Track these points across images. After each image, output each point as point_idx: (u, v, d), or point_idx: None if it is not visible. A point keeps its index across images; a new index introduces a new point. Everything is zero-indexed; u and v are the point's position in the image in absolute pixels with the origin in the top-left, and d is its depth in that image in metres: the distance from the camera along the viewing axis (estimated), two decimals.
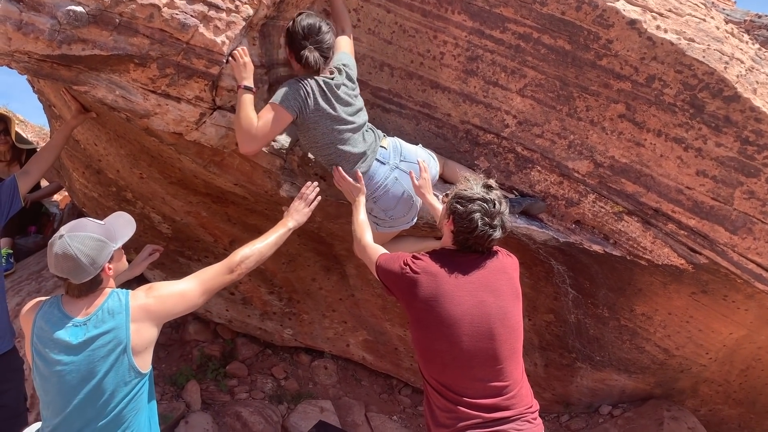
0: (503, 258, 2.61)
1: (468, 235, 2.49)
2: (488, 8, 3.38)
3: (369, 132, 3.22)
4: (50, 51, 2.47)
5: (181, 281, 2.40)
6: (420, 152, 3.36)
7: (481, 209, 2.46)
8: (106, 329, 2.19)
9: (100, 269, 2.23)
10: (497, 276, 2.51)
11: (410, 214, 3.35)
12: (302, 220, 2.86)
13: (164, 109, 2.86)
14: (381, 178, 3.19)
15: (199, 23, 2.67)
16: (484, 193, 2.51)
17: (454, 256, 2.55)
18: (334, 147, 3.07)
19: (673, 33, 3.31)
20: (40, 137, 11.28)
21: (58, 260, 2.18)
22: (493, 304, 2.45)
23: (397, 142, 3.34)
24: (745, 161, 3.42)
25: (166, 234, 4.42)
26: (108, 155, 3.84)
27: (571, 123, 3.55)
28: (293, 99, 2.90)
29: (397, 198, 3.23)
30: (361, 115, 3.15)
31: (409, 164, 3.24)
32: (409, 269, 2.51)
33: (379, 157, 3.20)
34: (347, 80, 3.09)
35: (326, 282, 4.56)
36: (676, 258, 3.66)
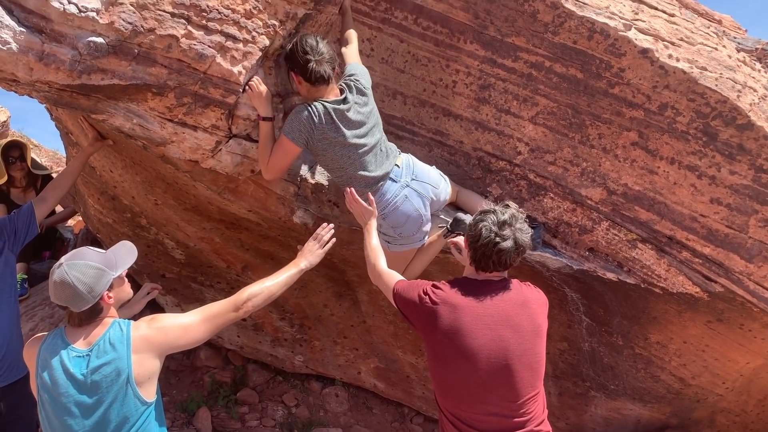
0: (526, 291, 2.53)
1: (476, 247, 2.44)
2: (500, 38, 3.41)
3: (383, 152, 3.18)
4: (70, 81, 2.52)
5: (185, 315, 2.39)
6: (432, 172, 3.35)
7: (491, 220, 2.42)
8: (108, 360, 2.19)
9: (98, 297, 2.23)
10: (518, 311, 2.44)
11: (420, 233, 3.31)
12: (315, 262, 2.86)
13: (181, 137, 2.89)
14: (391, 195, 3.17)
15: (216, 53, 2.71)
16: (498, 208, 2.49)
17: (474, 286, 2.48)
18: (344, 171, 3.08)
19: (685, 62, 3.32)
20: (54, 161, 11.42)
21: (56, 288, 2.19)
22: (512, 339, 2.37)
23: (411, 159, 3.31)
24: (760, 189, 3.40)
25: (180, 260, 4.44)
26: (123, 182, 3.88)
27: (584, 150, 3.56)
28: (298, 131, 2.91)
29: (407, 216, 3.20)
30: (374, 133, 3.12)
31: (420, 183, 3.23)
32: (429, 299, 2.45)
33: (391, 174, 3.18)
34: (358, 95, 3.05)
35: (338, 308, 4.55)
36: (691, 286, 3.63)
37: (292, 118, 2.93)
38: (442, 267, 3.86)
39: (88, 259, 2.25)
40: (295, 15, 2.91)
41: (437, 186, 3.32)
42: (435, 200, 3.32)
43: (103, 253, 2.34)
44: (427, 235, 3.37)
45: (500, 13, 3.34)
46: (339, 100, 2.98)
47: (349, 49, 3.23)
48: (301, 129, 2.91)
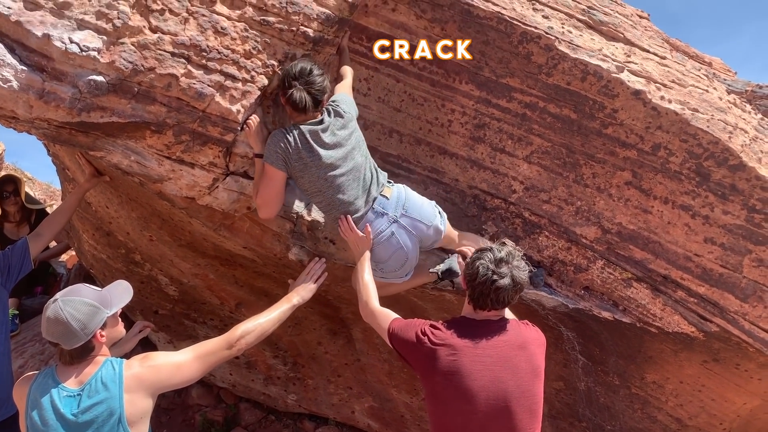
0: (525, 332, 2.51)
1: (474, 284, 2.43)
2: (495, 78, 3.47)
3: (365, 179, 3.08)
4: (70, 118, 2.54)
5: (178, 353, 2.37)
6: (426, 207, 3.23)
7: (488, 258, 2.42)
8: (100, 399, 2.16)
9: (91, 335, 2.20)
10: (516, 352, 2.42)
11: (403, 269, 3.24)
12: (308, 297, 2.86)
13: (178, 174, 2.90)
14: (377, 230, 3.07)
15: (215, 92, 2.74)
16: (495, 246, 2.48)
17: (473, 327, 2.46)
18: (323, 195, 3.02)
19: (677, 103, 3.38)
20: (48, 195, 11.40)
21: (49, 324, 2.17)
22: (510, 381, 2.36)
23: (403, 192, 3.18)
24: (753, 229, 3.43)
25: (173, 296, 4.42)
26: (119, 218, 3.88)
27: (578, 189, 3.58)
28: (275, 153, 2.88)
29: (391, 252, 3.12)
30: (353, 157, 3.02)
31: (410, 219, 3.12)
32: (428, 340, 2.42)
33: (377, 206, 3.08)
34: (336, 118, 2.98)
35: (332, 346, 4.51)
36: (687, 326, 3.62)
37: (269, 143, 2.91)
38: (438, 305, 3.85)
39: (84, 296, 2.23)
40: (294, 55, 2.95)
41: (430, 222, 3.19)
42: (426, 238, 3.22)
43: (98, 290, 2.32)
44: (410, 272, 3.30)
45: (495, 55, 3.40)
46: (315, 122, 2.94)
47: (341, 83, 3.22)
48: (277, 151, 2.88)
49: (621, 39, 3.58)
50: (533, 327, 2.59)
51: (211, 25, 2.72)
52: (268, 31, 2.85)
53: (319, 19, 2.95)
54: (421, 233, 3.18)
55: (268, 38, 2.86)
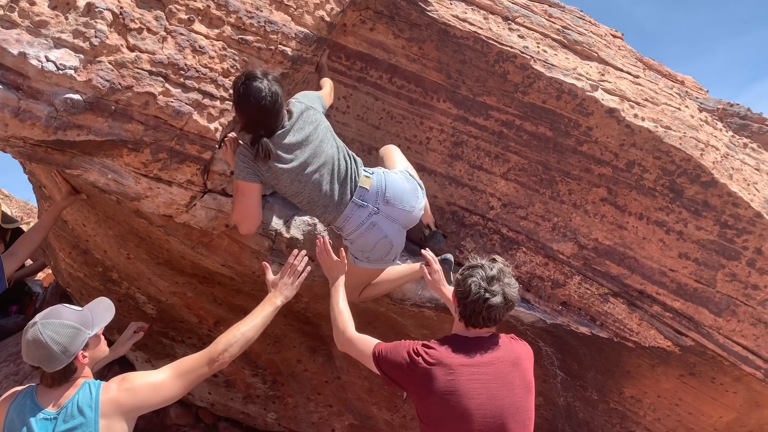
0: (516, 347, 2.50)
1: (466, 303, 2.39)
2: (472, 97, 3.51)
3: (341, 169, 2.98)
4: (46, 137, 2.52)
5: (156, 372, 2.29)
6: (408, 192, 3.09)
7: (479, 276, 2.39)
8: (75, 425, 2.10)
9: (73, 357, 2.15)
10: (510, 368, 2.40)
11: (390, 256, 3.18)
12: (291, 295, 2.69)
13: (155, 192, 2.89)
14: (356, 222, 3.00)
15: (193, 110, 2.74)
16: (485, 262, 2.45)
17: (466, 345, 2.42)
18: (302, 195, 2.95)
19: (651, 121, 3.45)
20: (25, 212, 11.25)
21: (29, 348, 2.12)
22: (506, 398, 2.34)
23: (383, 180, 3.04)
24: (726, 244, 3.49)
25: (151, 314, 4.37)
26: (96, 236, 3.84)
27: (555, 206, 3.63)
28: (245, 169, 2.82)
29: (375, 242, 3.06)
30: (323, 150, 2.92)
31: (392, 208, 3.02)
32: (422, 360, 2.37)
33: (357, 198, 2.99)
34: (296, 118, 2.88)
35: (312, 364, 4.49)
36: (663, 340, 3.66)
37: (236, 161, 2.85)
38: (418, 321, 3.85)
39: (64, 317, 2.18)
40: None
41: (412, 207, 3.10)
42: (410, 221, 3.15)
43: (79, 311, 2.26)
44: (398, 255, 3.23)
45: (472, 74, 3.45)
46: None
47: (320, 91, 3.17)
48: (246, 165, 2.82)
49: (595, 58, 3.65)
50: (521, 341, 2.59)
51: (189, 43, 2.73)
52: (246, 49, 2.87)
53: (297, 38, 2.97)
54: (405, 219, 3.10)
55: (247, 57, 2.88)
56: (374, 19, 3.41)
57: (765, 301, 3.54)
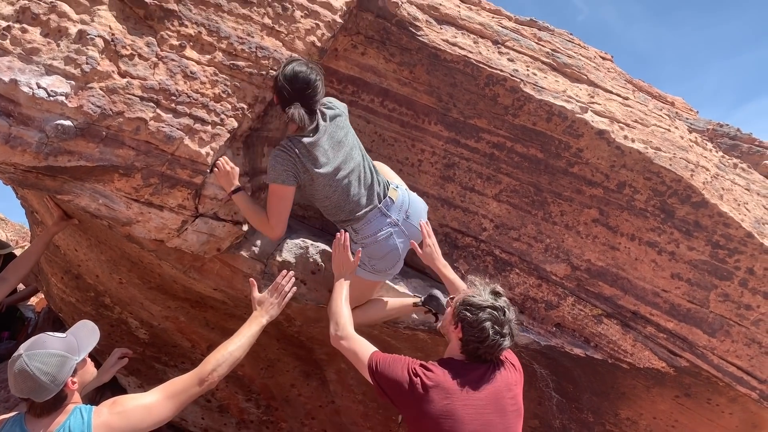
0: (509, 373, 2.50)
1: (479, 345, 2.41)
2: (463, 119, 3.54)
3: (366, 175, 3.08)
4: (36, 163, 2.53)
5: (147, 394, 2.28)
6: (423, 209, 3.25)
7: (492, 318, 2.39)
8: None
9: (62, 385, 2.13)
10: (504, 394, 2.42)
11: (394, 269, 3.25)
12: (276, 314, 2.73)
13: (147, 217, 2.89)
14: (375, 228, 3.07)
15: (184, 135, 2.75)
16: (493, 300, 2.45)
17: (464, 369, 2.44)
18: (330, 200, 3.04)
19: (641, 142, 3.47)
20: (20, 236, 11.22)
21: (17, 381, 2.09)
22: (499, 424, 2.35)
23: (407, 196, 3.20)
24: (718, 264, 3.50)
25: (143, 339, 4.34)
26: (88, 261, 3.83)
27: (547, 227, 3.64)
28: (284, 171, 2.88)
29: (387, 251, 3.12)
30: (353, 156, 3.04)
31: (410, 225, 3.14)
32: (420, 381, 2.37)
33: (383, 207, 3.09)
34: (331, 121, 3.00)
35: (305, 388, 4.45)
36: (657, 361, 3.65)
37: (272, 164, 2.90)
38: (412, 344, 3.84)
39: (49, 347, 2.15)
40: (264, 98, 2.99)
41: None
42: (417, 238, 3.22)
43: (63, 337, 2.23)
44: (398, 271, 3.30)
45: (462, 97, 3.48)
46: (312, 130, 2.92)
47: None
48: (285, 168, 2.88)
49: (584, 80, 3.68)
50: (512, 361, 2.59)
51: (180, 69, 2.75)
52: (237, 75, 2.89)
53: None
54: (415, 236, 3.20)
55: (238, 82, 2.89)
56: (365, 44, 3.44)
57: (758, 321, 3.54)
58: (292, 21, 3.01)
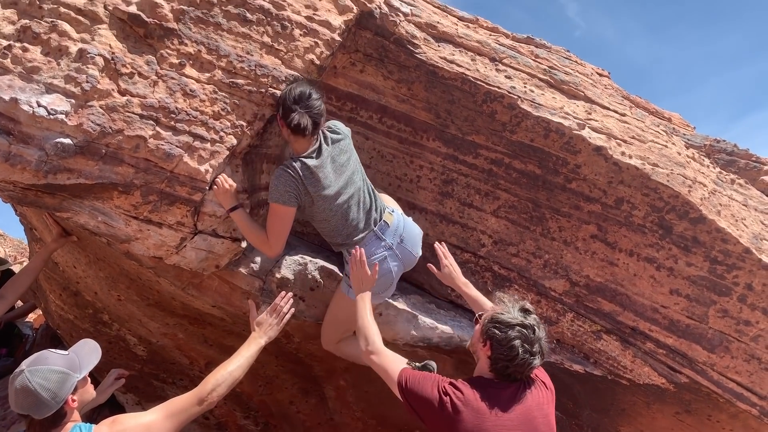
0: (540, 392, 2.46)
1: (508, 363, 2.38)
2: (461, 135, 3.55)
3: (366, 200, 3.13)
4: (36, 180, 2.54)
5: (147, 413, 2.28)
6: (418, 235, 3.31)
7: (522, 336, 2.36)
8: None
9: (62, 402, 2.13)
10: (535, 413, 2.38)
11: (387, 292, 3.27)
12: (274, 335, 2.74)
13: (145, 234, 2.90)
14: (369, 251, 3.09)
15: (184, 153, 2.76)
16: (523, 318, 2.42)
17: (494, 388, 2.41)
18: (329, 222, 3.08)
19: (638, 158, 3.48)
20: (19, 251, 11.20)
21: (18, 396, 2.09)
22: None
23: (402, 221, 3.24)
24: (716, 280, 3.50)
25: (142, 356, 4.33)
26: (87, 277, 3.83)
27: (545, 243, 3.64)
28: (285, 192, 2.91)
29: (381, 274, 3.11)
30: (354, 181, 3.09)
31: (404, 249, 3.19)
32: (450, 400, 2.34)
33: (378, 230, 3.14)
34: (334, 145, 3.05)
35: (304, 405, 4.43)
36: (657, 377, 3.64)
37: (275, 184, 2.92)
38: (411, 358, 3.81)
39: (51, 363, 2.16)
40: (263, 116, 3.00)
41: (418, 253, 3.30)
42: (410, 264, 3.29)
43: (65, 354, 2.25)
44: (390, 295, 3.32)
45: (460, 113, 3.50)
46: (313, 152, 2.96)
47: None
48: (288, 189, 2.91)
49: (582, 97, 3.70)
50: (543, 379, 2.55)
51: (180, 87, 2.77)
52: (237, 92, 2.90)
53: (287, 80, 3.01)
54: (408, 261, 3.25)
55: (237, 99, 2.91)
56: (364, 62, 3.46)
57: (758, 337, 3.53)
58: (291, 39, 3.03)
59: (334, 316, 3.35)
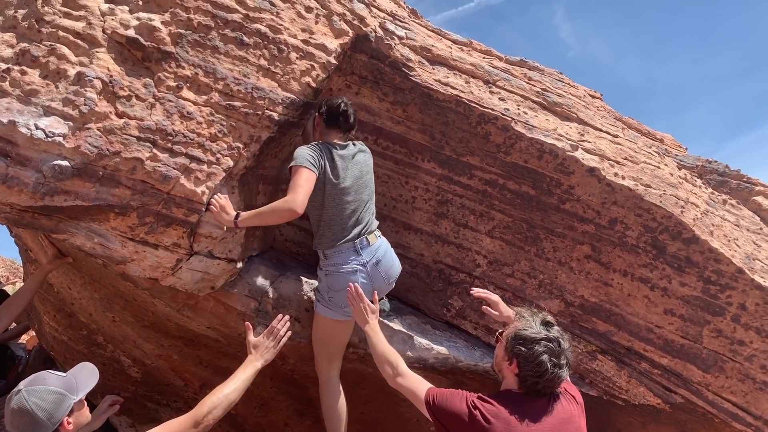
0: (570, 405, 2.44)
1: (538, 379, 2.34)
2: (456, 157, 3.58)
3: (362, 215, 3.23)
4: (33, 202, 2.54)
5: None
6: (396, 267, 3.36)
7: (548, 350, 2.34)
8: None
9: (57, 424, 2.14)
10: (566, 427, 2.36)
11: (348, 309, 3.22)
12: (270, 359, 2.74)
13: (141, 255, 2.90)
14: (342, 259, 3.18)
15: (180, 175, 2.78)
16: (546, 332, 2.40)
17: (523, 403, 2.38)
18: (323, 210, 3.17)
19: (631, 179, 3.52)
20: (11, 272, 11.14)
21: (14, 416, 2.10)
22: None
23: (384, 246, 3.32)
24: (710, 300, 3.52)
25: (136, 378, 4.31)
26: (81, 299, 3.82)
27: (540, 263, 3.66)
28: (310, 157, 3.05)
29: (343, 285, 3.15)
30: (362, 192, 3.24)
31: (376, 271, 3.23)
32: (480, 414, 2.32)
33: (358, 243, 3.20)
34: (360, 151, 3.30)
35: (299, 427, 4.40)
36: (653, 397, 3.64)
37: (300, 152, 3.06)
38: None
39: (49, 383, 2.17)
40: (260, 138, 3.03)
41: (389, 281, 3.35)
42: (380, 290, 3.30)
43: (63, 376, 2.26)
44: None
45: (455, 135, 3.53)
46: (342, 146, 3.22)
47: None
48: (312, 155, 3.06)
49: (575, 119, 3.74)
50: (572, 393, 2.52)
51: (177, 110, 2.80)
52: (233, 115, 2.93)
53: (284, 103, 3.05)
54: (379, 285, 3.28)
55: (234, 122, 2.94)
56: (359, 84, 3.50)
57: (752, 357, 3.54)
58: (287, 62, 3.07)
59: (315, 335, 3.39)
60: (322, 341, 3.36)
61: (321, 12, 3.24)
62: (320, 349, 3.38)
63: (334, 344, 3.38)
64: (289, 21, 3.12)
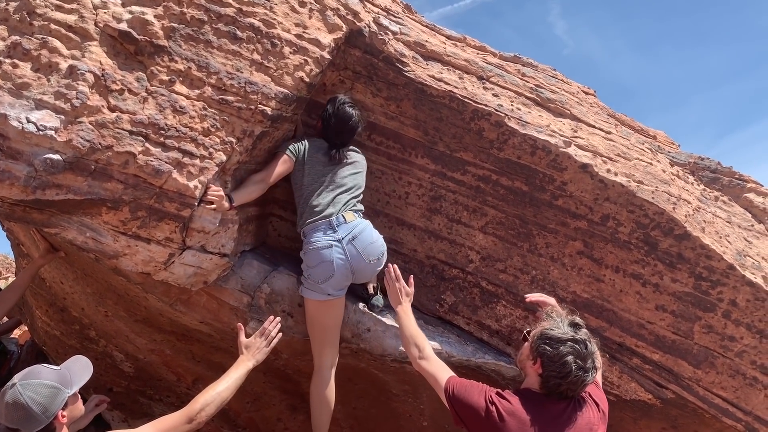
0: (591, 413, 2.38)
1: (560, 381, 2.30)
2: (449, 153, 3.59)
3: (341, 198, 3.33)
4: (24, 196, 2.53)
5: (136, 430, 2.28)
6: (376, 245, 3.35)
7: (574, 352, 2.29)
8: None
9: (52, 417, 2.14)
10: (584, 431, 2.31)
11: (327, 285, 3.27)
12: (262, 359, 2.77)
13: (134, 250, 2.89)
14: (317, 237, 3.27)
15: (173, 169, 2.77)
16: (573, 333, 2.36)
17: (543, 404, 2.35)
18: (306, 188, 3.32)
19: (623, 176, 3.53)
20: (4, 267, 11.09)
21: (8, 410, 2.10)
22: None
23: (363, 225, 3.33)
24: (701, 296, 3.53)
25: (128, 373, 4.30)
26: (74, 293, 3.81)
27: (533, 259, 3.67)
28: (293, 146, 3.32)
29: (318, 261, 3.23)
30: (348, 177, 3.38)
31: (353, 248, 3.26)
32: (496, 410, 2.30)
33: (334, 220, 3.28)
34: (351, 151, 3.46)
35: (292, 422, 4.41)
36: (644, 393, 3.66)
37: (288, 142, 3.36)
38: (399, 377, 3.82)
39: (43, 377, 2.18)
40: (252, 132, 3.02)
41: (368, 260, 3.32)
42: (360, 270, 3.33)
43: (57, 370, 2.27)
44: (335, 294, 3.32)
45: (448, 131, 3.53)
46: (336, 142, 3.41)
47: None
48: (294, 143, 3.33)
49: (568, 115, 3.75)
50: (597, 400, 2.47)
51: (169, 104, 2.78)
52: (226, 109, 2.92)
53: (277, 98, 3.04)
54: (357, 264, 3.30)
55: (227, 116, 2.93)
56: (353, 79, 3.50)
57: (742, 353, 3.56)
58: (281, 57, 3.06)
59: (306, 322, 3.41)
60: (311, 325, 3.39)
61: (315, 6, 3.23)
62: (311, 334, 3.42)
63: (320, 328, 3.38)
64: (283, 15, 3.11)
